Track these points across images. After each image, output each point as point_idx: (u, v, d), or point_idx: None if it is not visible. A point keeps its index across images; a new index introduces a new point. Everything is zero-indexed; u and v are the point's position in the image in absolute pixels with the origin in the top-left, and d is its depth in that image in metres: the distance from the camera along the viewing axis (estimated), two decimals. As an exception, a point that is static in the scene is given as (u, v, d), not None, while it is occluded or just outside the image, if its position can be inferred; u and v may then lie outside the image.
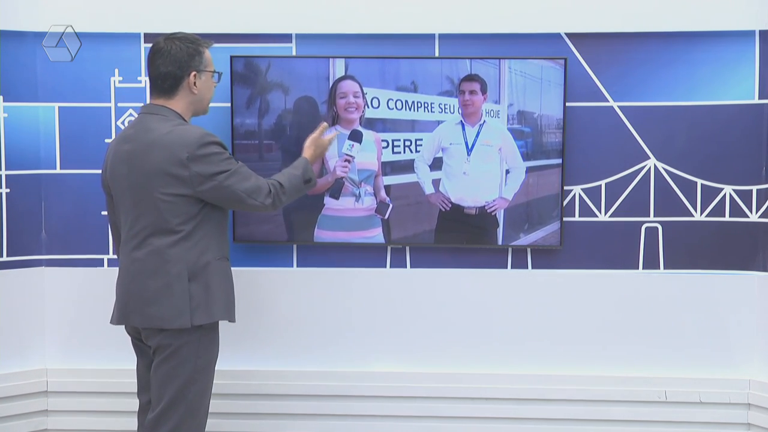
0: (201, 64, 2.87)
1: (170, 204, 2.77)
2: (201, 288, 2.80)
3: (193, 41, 2.88)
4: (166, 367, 2.82)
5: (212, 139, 2.81)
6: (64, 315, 3.65)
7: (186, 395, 2.82)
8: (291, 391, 3.63)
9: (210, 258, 2.83)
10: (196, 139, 2.77)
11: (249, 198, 2.83)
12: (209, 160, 2.78)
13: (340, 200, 3.52)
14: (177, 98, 2.87)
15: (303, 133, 3.49)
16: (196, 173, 2.76)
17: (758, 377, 3.55)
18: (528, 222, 3.54)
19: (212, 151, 2.78)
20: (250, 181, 2.84)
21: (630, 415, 3.58)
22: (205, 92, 2.92)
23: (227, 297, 2.89)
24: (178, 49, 2.84)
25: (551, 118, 3.48)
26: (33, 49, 3.55)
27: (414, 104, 3.49)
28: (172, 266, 2.78)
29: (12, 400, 3.60)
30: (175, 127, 2.80)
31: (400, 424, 3.63)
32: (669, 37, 3.49)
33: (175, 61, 2.83)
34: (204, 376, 2.86)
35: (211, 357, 2.90)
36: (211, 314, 2.82)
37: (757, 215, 3.52)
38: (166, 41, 2.87)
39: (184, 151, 2.75)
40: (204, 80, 2.89)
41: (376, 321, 3.64)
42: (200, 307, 2.79)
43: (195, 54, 2.86)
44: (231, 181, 2.80)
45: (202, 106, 2.95)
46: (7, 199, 3.57)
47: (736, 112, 3.50)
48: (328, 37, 3.54)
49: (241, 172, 2.83)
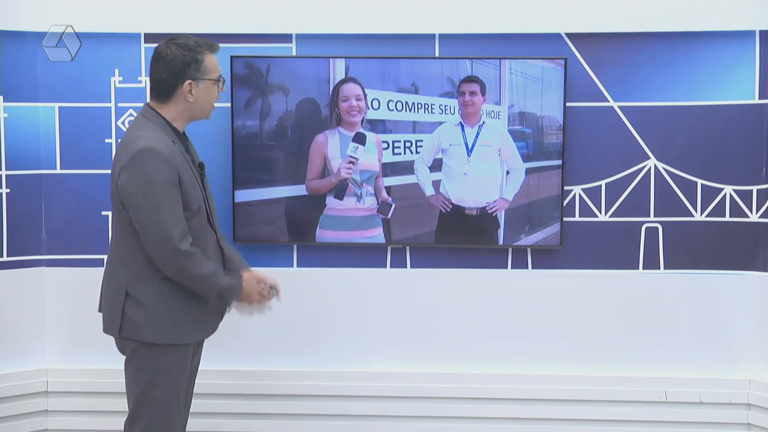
0: (198, 72, 2.71)
1: (117, 208, 2.68)
2: (135, 304, 2.67)
3: (191, 48, 2.71)
4: (129, 369, 2.74)
5: (151, 156, 2.59)
6: (64, 315, 3.65)
7: (150, 399, 2.71)
8: (291, 391, 3.63)
9: (155, 276, 2.67)
10: (137, 150, 2.59)
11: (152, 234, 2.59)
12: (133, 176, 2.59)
13: (342, 200, 3.52)
14: (170, 104, 2.73)
15: (304, 134, 3.50)
16: (121, 183, 2.61)
17: (758, 377, 3.55)
18: (529, 223, 3.54)
19: (140, 169, 2.58)
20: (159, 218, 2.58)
21: (630, 415, 3.58)
22: (203, 99, 2.75)
23: (165, 319, 2.69)
24: (174, 57, 2.69)
25: (552, 119, 3.48)
26: (33, 49, 3.55)
27: (414, 105, 3.49)
28: (117, 273, 2.71)
29: (12, 400, 3.60)
30: (138, 134, 2.66)
31: (400, 424, 3.63)
32: (669, 37, 3.49)
33: (169, 69, 2.69)
34: (167, 379, 2.72)
35: (173, 362, 2.74)
36: (140, 334, 2.67)
37: (757, 215, 3.52)
38: (165, 45, 2.72)
39: (125, 159, 2.61)
40: (202, 88, 2.73)
41: (376, 321, 3.65)
42: (131, 324, 2.68)
43: (191, 62, 2.70)
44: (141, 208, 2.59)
45: (201, 112, 2.79)
46: (7, 199, 3.57)
47: (736, 112, 3.50)
48: (328, 37, 3.53)
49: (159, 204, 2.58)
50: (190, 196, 2.68)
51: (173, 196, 2.61)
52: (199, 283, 2.67)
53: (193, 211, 2.69)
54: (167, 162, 2.60)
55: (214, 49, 2.77)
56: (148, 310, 2.67)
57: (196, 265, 2.64)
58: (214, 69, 2.77)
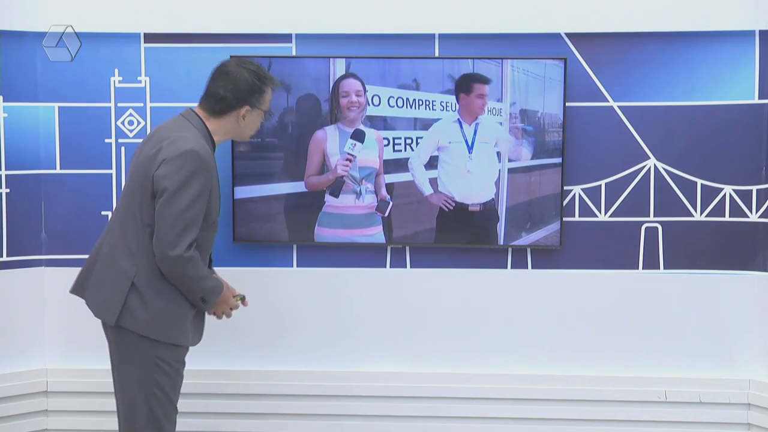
0: (258, 102, 2.81)
1: (142, 201, 2.69)
2: (138, 296, 2.69)
3: (261, 78, 2.80)
4: (123, 365, 2.76)
5: (199, 161, 2.64)
6: (64, 315, 3.64)
7: (146, 397, 2.72)
8: (291, 391, 3.63)
9: (162, 274, 2.70)
10: (186, 149, 2.64)
11: (164, 233, 2.62)
12: (174, 171, 2.63)
13: (340, 198, 3.52)
14: (220, 120, 2.80)
15: (304, 131, 3.50)
16: (158, 174, 2.65)
17: (758, 377, 3.55)
18: (530, 221, 3.54)
19: (185, 168, 2.63)
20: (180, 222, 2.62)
21: (630, 415, 3.58)
22: (249, 126, 2.85)
23: (165, 317, 2.72)
24: (243, 81, 2.76)
25: (553, 117, 3.48)
26: (33, 49, 3.55)
27: (415, 102, 3.49)
28: (125, 262, 2.70)
29: (12, 400, 3.60)
30: (185, 135, 2.71)
31: (400, 424, 3.63)
32: (669, 37, 3.49)
33: (236, 90, 2.76)
34: (163, 377, 2.73)
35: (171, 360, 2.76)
36: (137, 325, 2.69)
37: (757, 215, 3.52)
38: (238, 66, 2.80)
39: (169, 153, 2.65)
40: (254, 116, 2.83)
41: (375, 321, 3.64)
42: (129, 314, 2.69)
43: (257, 91, 2.79)
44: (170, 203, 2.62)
45: (241, 136, 2.89)
46: (7, 199, 3.57)
47: (736, 112, 3.50)
48: (328, 37, 3.54)
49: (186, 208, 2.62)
50: (212, 209, 2.75)
51: (199, 207, 2.66)
52: (191, 283, 2.71)
53: (209, 222, 2.75)
54: (207, 172, 2.68)
55: (276, 85, 2.90)
56: (152, 306, 2.69)
57: (194, 268, 2.68)
58: (269, 102, 2.88)
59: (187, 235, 2.64)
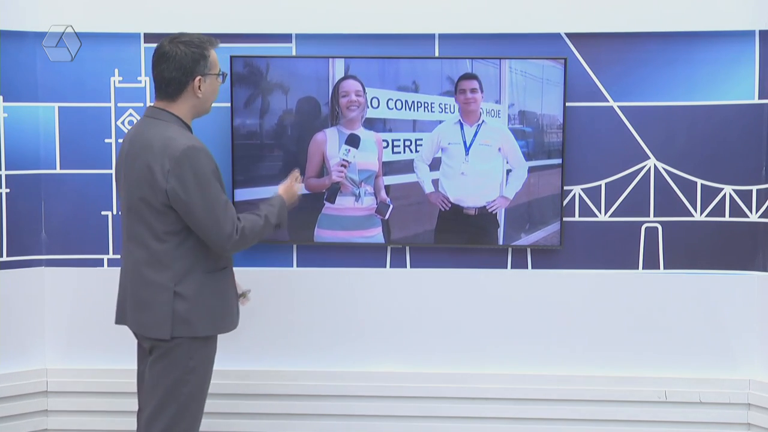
0: (206, 68, 2.79)
1: (156, 212, 2.72)
2: (185, 302, 2.74)
3: (198, 45, 2.78)
4: (158, 367, 2.78)
5: (197, 154, 2.69)
6: (64, 315, 3.65)
7: (177, 396, 2.77)
8: (291, 391, 3.63)
9: (199, 271, 2.76)
10: (181, 151, 2.67)
11: (212, 232, 2.71)
12: (185, 178, 2.67)
13: (340, 200, 3.52)
14: (180, 102, 2.79)
15: (304, 133, 3.50)
16: (171, 188, 2.67)
17: (758, 377, 3.55)
18: (529, 222, 3.54)
19: (191, 169, 2.67)
20: (217, 214, 2.70)
21: (630, 415, 3.58)
22: (209, 94, 2.84)
23: (215, 311, 2.81)
24: (183, 55, 2.75)
25: (552, 118, 3.48)
26: (33, 49, 3.55)
27: (414, 104, 3.49)
28: (159, 275, 2.74)
29: (12, 400, 3.60)
30: (169, 135, 2.73)
31: (400, 424, 3.63)
32: (669, 38, 3.49)
33: (180, 67, 2.75)
34: (196, 377, 2.80)
35: (205, 359, 2.83)
36: (193, 329, 2.75)
37: (757, 215, 3.52)
38: (170, 44, 2.77)
39: (168, 162, 2.67)
40: (208, 83, 2.81)
41: (375, 321, 3.64)
42: (182, 321, 2.74)
43: (200, 58, 2.77)
44: (199, 207, 2.68)
45: (205, 108, 2.87)
46: (7, 199, 3.57)
47: (736, 112, 3.50)
48: (328, 37, 3.54)
49: (214, 199, 2.70)
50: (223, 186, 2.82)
51: (217, 187, 2.73)
52: (261, 235, 2.85)
53: None
54: (209, 156, 2.74)
55: (215, 44, 2.87)
56: (199, 303, 2.76)
57: (251, 234, 2.79)
58: (216, 63, 2.86)
59: (226, 220, 2.71)
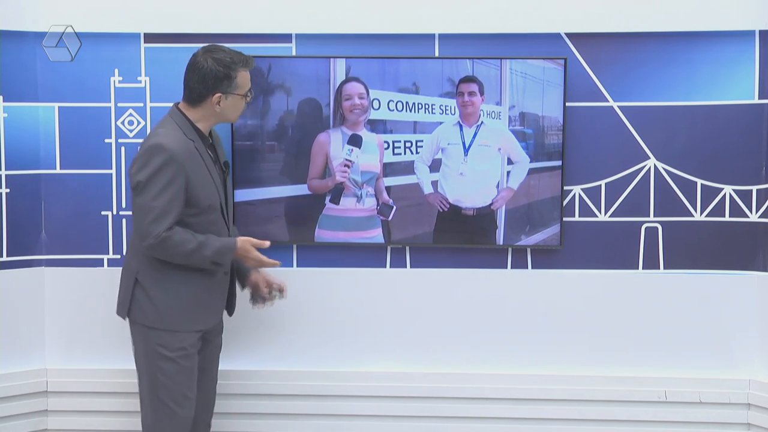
0: (229, 88, 2.85)
1: None
2: (142, 291, 2.88)
3: (226, 64, 2.84)
4: (136, 356, 2.96)
5: (159, 153, 2.77)
6: (64, 315, 3.65)
7: (153, 383, 2.90)
8: (291, 391, 3.63)
9: (168, 265, 2.84)
10: (150, 144, 2.80)
11: (135, 225, 2.84)
12: (138, 167, 2.79)
13: (340, 202, 3.52)
14: (198, 109, 2.89)
15: (305, 134, 3.50)
16: (129, 172, 2.83)
17: (758, 377, 3.55)
18: (529, 224, 3.54)
19: (146, 163, 2.77)
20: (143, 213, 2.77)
21: (630, 415, 3.58)
22: (229, 111, 2.92)
23: (172, 306, 2.88)
24: (208, 70, 2.82)
25: (552, 119, 3.48)
26: (33, 49, 3.55)
27: (414, 105, 3.49)
28: (130, 261, 2.93)
29: (12, 400, 3.59)
30: (159, 131, 2.85)
31: (400, 424, 3.63)
32: (669, 37, 3.49)
33: (202, 81, 2.83)
34: (169, 365, 2.87)
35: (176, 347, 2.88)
36: (145, 318, 2.88)
37: (757, 215, 3.52)
38: (203, 55, 2.85)
39: (139, 150, 2.85)
40: (230, 101, 2.88)
41: (375, 321, 3.64)
42: (138, 308, 2.89)
43: (224, 78, 2.83)
44: (135, 197, 2.80)
45: (226, 119, 2.98)
46: (7, 199, 3.57)
47: (736, 112, 3.50)
48: (328, 37, 3.53)
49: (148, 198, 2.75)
50: (198, 194, 2.83)
51: (169, 196, 2.75)
52: (186, 257, 2.81)
53: (201, 208, 2.85)
54: (174, 161, 2.76)
55: (248, 65, 2.90)
56: (153, 297, 2.85)
57: (174, 245, 2.77)
58: (245, 84, 2.91)
59: (158, 223, 2.74)
